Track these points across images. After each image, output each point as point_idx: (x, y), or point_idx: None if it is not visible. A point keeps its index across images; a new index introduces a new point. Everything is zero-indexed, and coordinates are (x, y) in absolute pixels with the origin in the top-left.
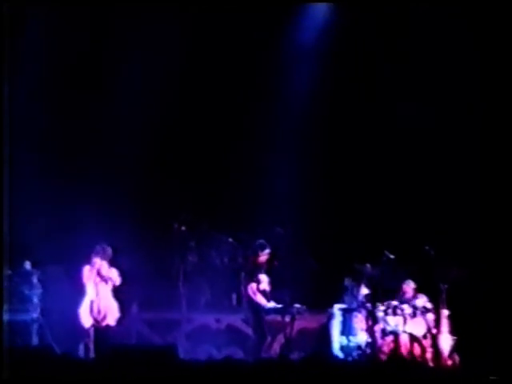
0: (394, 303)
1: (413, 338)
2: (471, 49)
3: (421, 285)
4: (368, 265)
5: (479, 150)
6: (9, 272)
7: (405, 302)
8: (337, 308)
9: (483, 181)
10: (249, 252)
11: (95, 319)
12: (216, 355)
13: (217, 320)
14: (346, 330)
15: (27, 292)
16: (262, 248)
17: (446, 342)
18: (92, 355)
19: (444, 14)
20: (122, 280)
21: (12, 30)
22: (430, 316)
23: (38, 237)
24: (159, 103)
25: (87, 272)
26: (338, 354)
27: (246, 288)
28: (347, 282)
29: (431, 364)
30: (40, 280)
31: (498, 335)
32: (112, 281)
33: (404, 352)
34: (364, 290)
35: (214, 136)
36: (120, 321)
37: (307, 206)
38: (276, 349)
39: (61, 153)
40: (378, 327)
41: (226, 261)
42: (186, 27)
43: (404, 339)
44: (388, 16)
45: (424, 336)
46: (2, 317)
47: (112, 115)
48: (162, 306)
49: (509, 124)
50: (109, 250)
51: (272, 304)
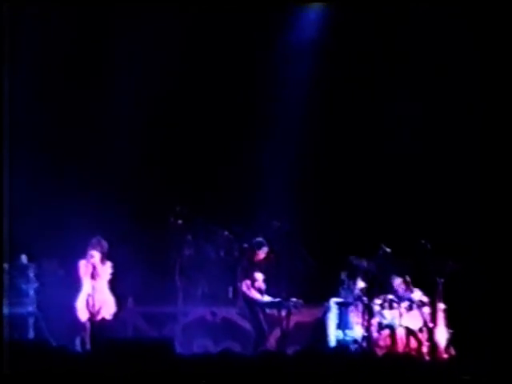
0: (390, 297)
1: (409, 332)
2: (469, 47)
3: (417, 278)
4: (364, 258)
5: (477, 144)
6: (5, 266)
7: (400, 296)
8: (333, 302)
9: (480, 174)
10: (246, 248)
11: (91, 313)
12: (212, 348)
13: (213, 313)
14: (342, 324)
15: (23, 286)
16: (260, 245)
17: (443, 336)
18: (88, 349)
19: (441, 13)
20: (118, 274)
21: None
22: (426, 310)
23: (34, 231)
24: (156, 98)
25: (83, 266)
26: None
27: (241, 285)
28: (343, 276)
29: (427, 357)
30: (36, 274)
31: (495, 329)
32: (107, 274)
33: (400, 346)
34: (360, 284)
35: (211, 130)
36: (116, 314)
37: (303, 200)
38: (272, 343)
39: (57, 147)
40: (375, 321)
41: (222, 254)
42: (184, 26)
43: (400, 333)
44: (384, 15)
45: (420, 330)
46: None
47: (109, 111)
48: (158, 300)
49: (507, 119)
50: (104, 243)
51: (268, 298)
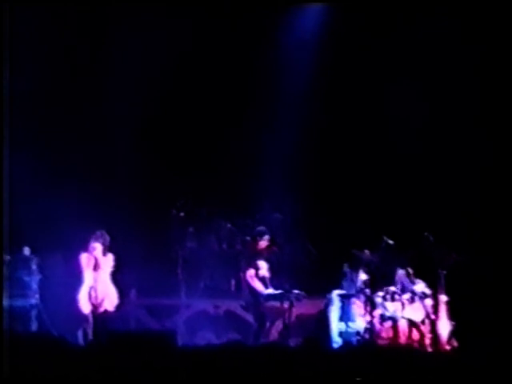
0: (393, 289)
1: (411, 324)
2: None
3: (419, 270)
4: (367, 251)
5: (479, 138)
6: (8, 258)
7: (403, 289)
8: (335, 294)
9: (482, 166)
10: (248, 238)
11: (93, 305)
12: (214, 341)
13: (215, 306)
14: (345, 316)
15: (26, 278)
16: (262, 235)
17: (445, 328)
18: (91, 341)
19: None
20: (121, 266)
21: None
22: (429, 302)
23: (37, 223)
24: (159, 91)
25: (85, 258)
26: (337, 340)
27: (245, 274)
28: (346, 268)
29: (430, 349)
30: (39, 266)
31: (497, 321)
32: (109, 266)
33: (402, 338)
34: (363, 276)
35: (213, 123)
36: (118, 307)
37: (306, 192)
38: (274, 335)
39: (60, 140)
40: (377, 313)
41: (225, 246)
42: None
43: (402, 325)
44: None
45: (422, 322)
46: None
47: (110, 104)
48: (161, 292)
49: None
50: (107, 236)
51: (270, 290)
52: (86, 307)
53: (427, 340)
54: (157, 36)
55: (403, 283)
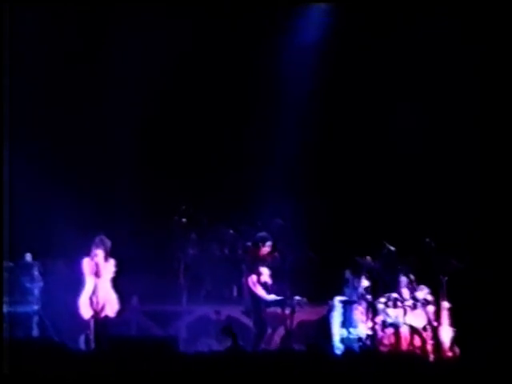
0: (395, 295)
1: (413, 330)
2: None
3: (421, 277)
4: (368, 257)
5: (479, 142)
6: (10, 264)
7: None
8: (337, 300)
9: (484, 174)
10: (250, 244)
11: (95, 311)
12: (216, 347)
13: (217, 312)
14: (347, 323)
15: (28, 284)
16: (264, 240)
17: (447, 334)
18: (92, 347)
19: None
20: (123, 272)
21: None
22: (431, 308)
23: (39, 229)
24: (159, 95)
25: (87, 264)
26: (339, 346)
27: (247, 280)
28: (347, 275)
29: (431, 356)
30: (41, 272)
31: (498, 327)
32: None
33: (404, 344)
34: (364, 282)
35: (215, 129)
36: (120, 312)
37: (308, 198)
38: (276, 341)
39: (61, 146)
40: (379, 319)
41: (227, 252)
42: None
43: (404, 331)
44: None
45: (424, 328)
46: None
47: (113, 109)
48: (163, 298)
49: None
50: (107, 242)
51: (272, 296)
52: (88, 313)
53: (429, 346)
54: (158, 36)
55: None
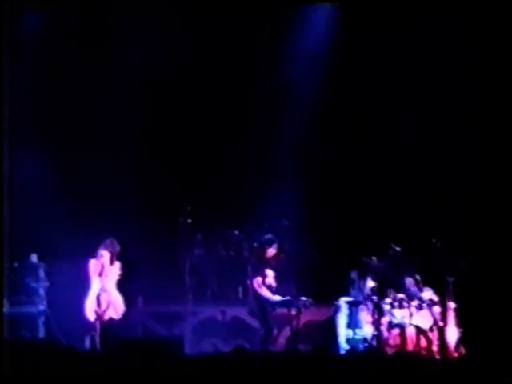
0: (401, 296)
1: (419, 331)
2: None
3: (427, 277)
4: (374, 257)
5: (482, 142)
6: (15, 265)
7: (411, 295)
8: (343, 301)
9: (491, 173)
10: (256, 246)
11: (101, 312)
12: (222, 348)
13: (222, 312)
14: (353, 323)
15: (34, 284)
16: (270, 243)
17: (453, 335)
18: (98, 348)
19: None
20: (128, 273)
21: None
22: (437, 309)
23: (45, 230)
24: (164, 97)
25: (93, 265)
26: (344, 347)
27: (252, 282)
28: (353, 275)
29: (437, 357)
30: (47, 273)
31: (505, 328)
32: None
33: (410, 345)
34: (370, 283)
35: (221, 130)
36: (126, 314)
37: (313, 199)
38: (282, 342)
39: (67, 147)
40: (385, 320)
41: (232, 253)
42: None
43: (410, 332)
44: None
45: (430, 329)
46: (2, 312)
47: (118, 111)
48: (168, 299)
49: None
50: (116, 245)
51: (278, 297)
52: (93, 314)
53: (435, 347)
54: (159, 37)
55: (411, 290)
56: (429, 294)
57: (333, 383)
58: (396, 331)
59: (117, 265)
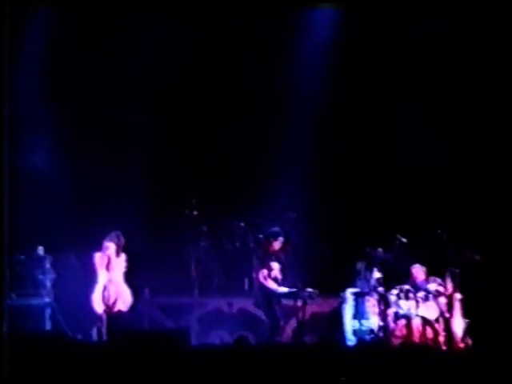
0: (407, 287)
1: (425, 322)
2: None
3: (433, 268)
4: (380, 249)
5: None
6: (22, 257)
7: (417, 287)
8: (349, 292)
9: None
10: (261, 238)
11: (107, 305)
12: (228, 339)
13: (229, 304)
14: (359, 314)
15: (40, 277)
16: (276, 236)
17: (459, 326)
18: (105, 340)
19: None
20: (135, 265)
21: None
22: (443, 300)
23: (51, 222)
24: (169, 91)
25: (99, 258)
26: (351, 338)
27: (257, 274)
28: (359, 266)
29: (444, 347)
30: (53, 265)
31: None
32: (122, 267)
33: (416, 336)
34: (376, 274)
35: (227, 123)
36: (132, 306)
37: (318, 191)
38: (288, 333)
39: (73, 140)
40: (391, 311)
41: (238, 245)
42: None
43: (416, 323)
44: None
45: (436, 320)
46: (3, 305)
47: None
48: (174, 291)
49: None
50: (122, 238)
51: (284, 288)
52: (100, 306)
53: (441, 338)
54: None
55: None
56: (435, 285)
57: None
58: (402, 322)
59: (123, 257)
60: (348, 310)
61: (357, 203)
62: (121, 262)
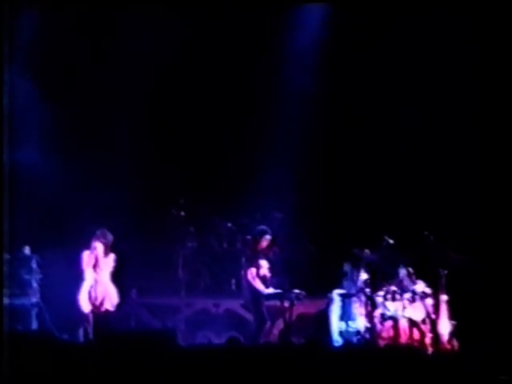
0: (393, 288)
1: (412, 323)
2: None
3: (420, 270)
4: (367, 250)
5: (478, 137)
6: (8, 256)
7: (403, 288)
8: (336, 293)
9: (483, 166)
10: (249, 237)
11: (94, 304)
12: (215, 340)
13: (216, 305)
14: (345, 316)
15: (26, 276)
16: (263, 234)
17: (446, 327)
18: (91, 340)
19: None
20: (122, 265)
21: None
22: (429, 301)
23: (38, 222)
24: (159, 90)
25: (86, 257)
26: (337, 340)
27: (246, 273)
28: (346, 267)
29: (430, 349)
30: (39, 265)
31: (497, 320)
32: (109, 266)
33: (403, 337)
34: (363, 275)
35: (213, 122)
36: (119, 306)
37: (306, 191)
38: (275, 334)
39: (60, 138)
40: (378, 312)
41: (225, 246)
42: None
43: (403, 324)
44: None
45: (423, 321)
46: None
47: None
48: (161, 291)
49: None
50: (109, 235)
51: (271, 289)
52: (87, 306)
53: (428, 339)
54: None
55: (404, 282)
56: (421, 287)
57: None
58: (389, 323)
59: (111, 256)
60: (335, 312)
61: (344, 204)
62: (109, 262)
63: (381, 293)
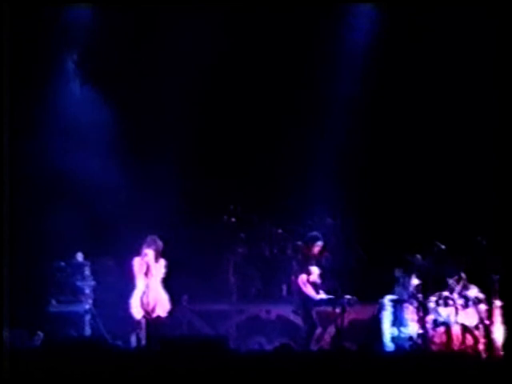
0: (446, 294)
1: (465, 329)
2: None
3: (473, 275)
4: (419, 255)
5: None
6: (62, 264)
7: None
8: (387, 299)
9: None
10: (301, 243)
11: (146, 311)
12: (266, 346)
13: (267, 311)
14: (397, 321)
15: (79, 283)
16: (315, 240)
17: (499, 333)
18: (144, 346)
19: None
20: (173, 271)
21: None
22: (483, 307)
23: (90, 229)
24: (209, 97)
25: (137, 264)
26: (389, 345)
27: (297, 279)
28: (398, 273)
29: (484, 355)
30: (92, 271)
31: None
32: (161, 272)
33: (456, 343)
34: (415, 281)
35: (266, 130)
36: (171, 312)
37: (357, 198)
38: (327, 340)
39: (115, 148)
40: (430, 318)
41: (276, 252)
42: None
43: (456, 330)
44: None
45: (476, 327)
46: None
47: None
48: (213, 297)
49: None
50: (159, 242)
51: (322, 295)
52: (139, 313)
53: (481, 345)
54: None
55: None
56: (474, 292)
57: (378, 382)
58: (441, 329)
59: (162, 262)
60: (386, 317)
61: (395, 209)
62: (160, 268)
63: (433, 298)
